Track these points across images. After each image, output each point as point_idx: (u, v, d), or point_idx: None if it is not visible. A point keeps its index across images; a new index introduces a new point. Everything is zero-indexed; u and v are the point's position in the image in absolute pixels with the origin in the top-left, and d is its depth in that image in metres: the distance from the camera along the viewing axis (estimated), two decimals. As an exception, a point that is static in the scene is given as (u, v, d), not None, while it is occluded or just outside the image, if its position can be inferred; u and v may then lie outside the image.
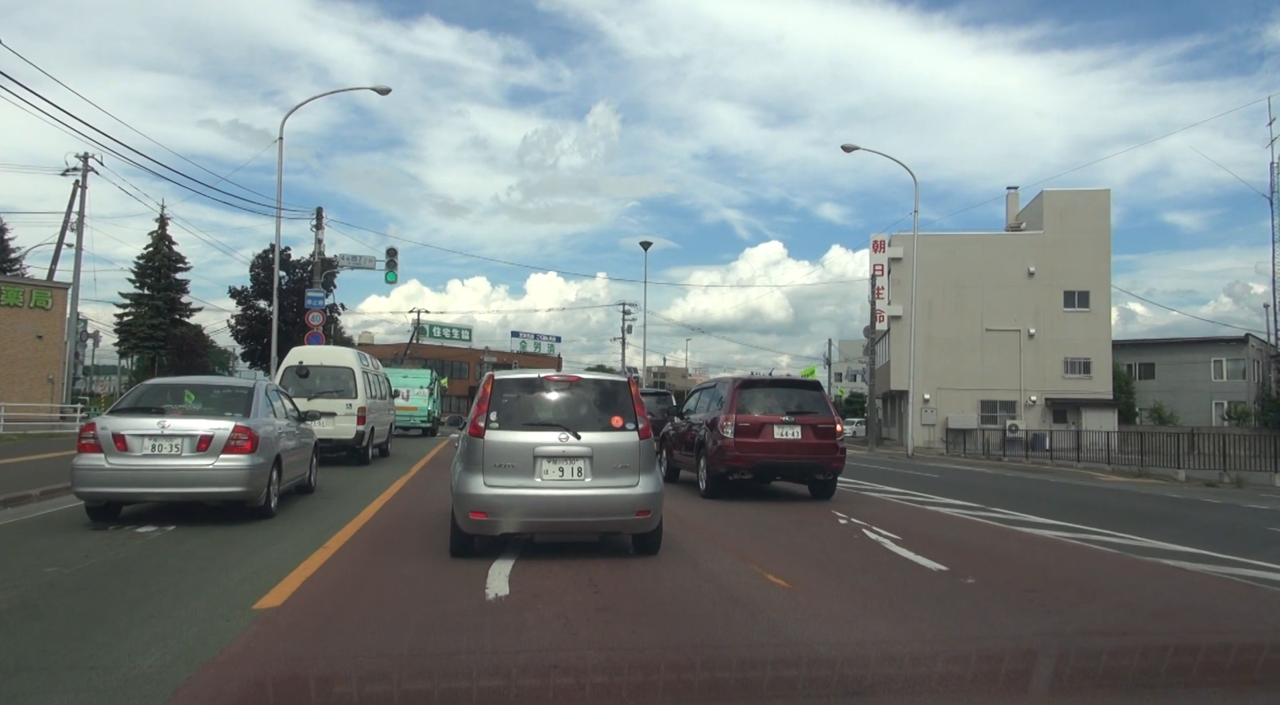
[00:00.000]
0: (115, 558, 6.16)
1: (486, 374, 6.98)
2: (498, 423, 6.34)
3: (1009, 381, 37.31)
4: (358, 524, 7.95)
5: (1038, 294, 37.71)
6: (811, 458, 11.05)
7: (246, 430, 7.76)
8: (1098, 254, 37.84)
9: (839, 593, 5.51)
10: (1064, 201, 38.33)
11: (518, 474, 6.20)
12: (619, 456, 6.37)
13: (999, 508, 11.18)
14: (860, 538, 7.91)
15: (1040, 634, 4.57)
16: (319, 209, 28.70)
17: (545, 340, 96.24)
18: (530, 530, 6.36)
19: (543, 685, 3.51)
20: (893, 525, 8.74)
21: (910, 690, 3.55)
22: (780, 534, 8.08)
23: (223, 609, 4.64)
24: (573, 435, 6.30)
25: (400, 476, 12.90)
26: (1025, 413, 36.85)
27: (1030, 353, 37.50)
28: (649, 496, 6.33)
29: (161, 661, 3.67)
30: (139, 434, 7.52)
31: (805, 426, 10.96)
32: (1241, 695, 3.69)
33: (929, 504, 11.53)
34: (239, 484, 7.65)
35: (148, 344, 43.60)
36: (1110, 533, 8.80)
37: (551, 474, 6.25)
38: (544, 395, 6.65)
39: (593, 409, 6.59)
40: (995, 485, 16.04)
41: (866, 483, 14.85)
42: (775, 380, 13.94)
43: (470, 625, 4.38)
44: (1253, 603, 5.65)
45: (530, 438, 6.28)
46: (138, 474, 7.46)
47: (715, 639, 4.27)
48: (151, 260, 44.71)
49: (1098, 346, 37.81)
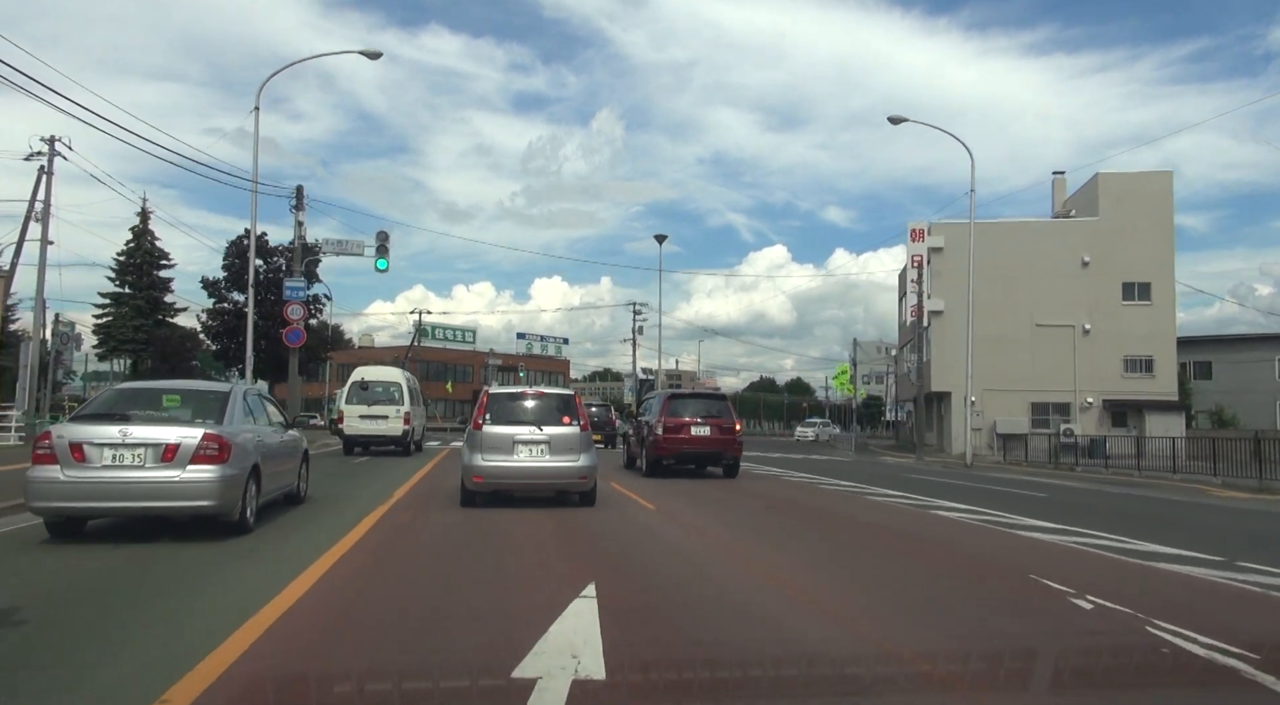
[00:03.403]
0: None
1: (484, 389, 11.50)
2: (491, 420, 10.70)
3: (1062, 381, 36.69)
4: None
5: (1093, 286, 37.07)
6: (717, 448, 16.76)
7: (217, 438, 7.63)
8: (1160, 241, 37.17)
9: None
10: (1121, 185, 37.70)
11: (503, 453, 10.52)
12: (567, 442, 10.67)
13: (1197, 548, 8.50)
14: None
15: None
16: (298, 187, 27.21)
17: (553, 342, 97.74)
18: (510, 489, 10.69)
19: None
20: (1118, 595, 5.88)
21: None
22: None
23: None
24: (538, 428, 10.65)
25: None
26: (1080, 416, 36.25)
27: (1085, 350, 36.86)
28: (587, 468, 10.68)
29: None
30: (98, 443, 7.36)
31: (713, 426, 16.72)
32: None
33: (1124, 551, 8.31)
34: (208, 497, 7.51)
35: (128, 346, 43.70)
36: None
37: (524, 453, 10.58)
38: (521, 403, 11.06)
39: (551, 412, 10.91)
40: (1116, 507, 13.66)
41: (944, 501, 13.17)
42: (694, 393, 20.47)
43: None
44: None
45: (511, 430, 10.64)
46: (96, 487, 7.30)
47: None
48: (132, 257, 44.75)
49: (1160, 342, 37.10)
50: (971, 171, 29.03)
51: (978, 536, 9.43)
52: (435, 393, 71.94)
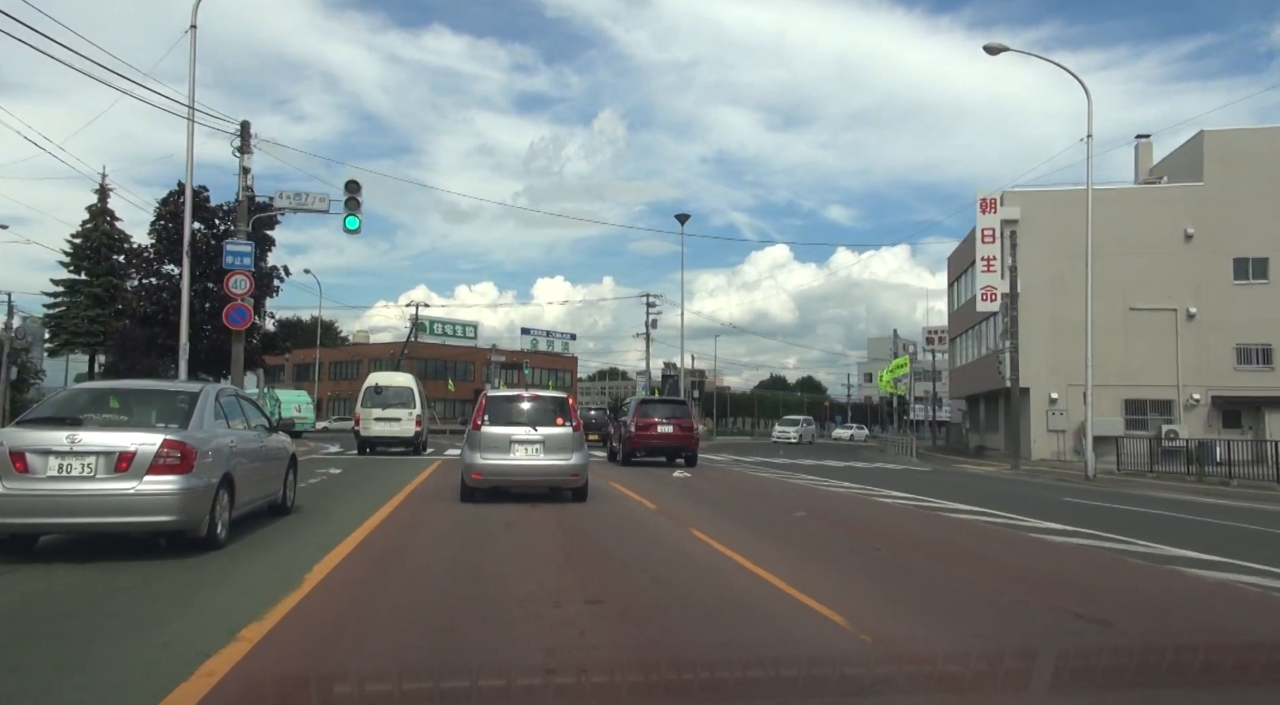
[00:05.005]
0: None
1: (483, 391, 14.55)
2: (489, 421, 12.99)
3: (1161, 375, 36.42)
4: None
5: (1198, 262, 36.77)
6: (679, 443, 24.53)
7: (179, 445, 7.72)
8: (1279, 210, 36.68)
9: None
10: (1232, 144, 37.31)
11: (500, 452, 12.81)
12: (560, 441, 13.02)
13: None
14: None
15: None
16: (244, 123, 24.00)
17: (559, 338, 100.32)
18: (507, 485, 13.13)
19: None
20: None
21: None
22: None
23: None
24: (533, 429, 12.95)
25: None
26: (1185, 415, 35.97)
27: (1190, 338, 36.55)
28: (579, 465, 13.09)
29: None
30: (42, 450, 7.40)
31: (676, 425, 24.36)
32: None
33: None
34: (169, 511, 7.62)
35: (82, 340, 44.07)
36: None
37: (519, 452, 12.86)
38: (517, 405, 13.46)
39: (546, 413, 13.26)
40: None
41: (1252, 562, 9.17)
42: (660, 399, 31.09)
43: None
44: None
45: (508, 430, 12.93)
46: (39, 501, 7.35)
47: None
48: (89, 239, 45.14)
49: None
50: (1089, 113, 27.80)
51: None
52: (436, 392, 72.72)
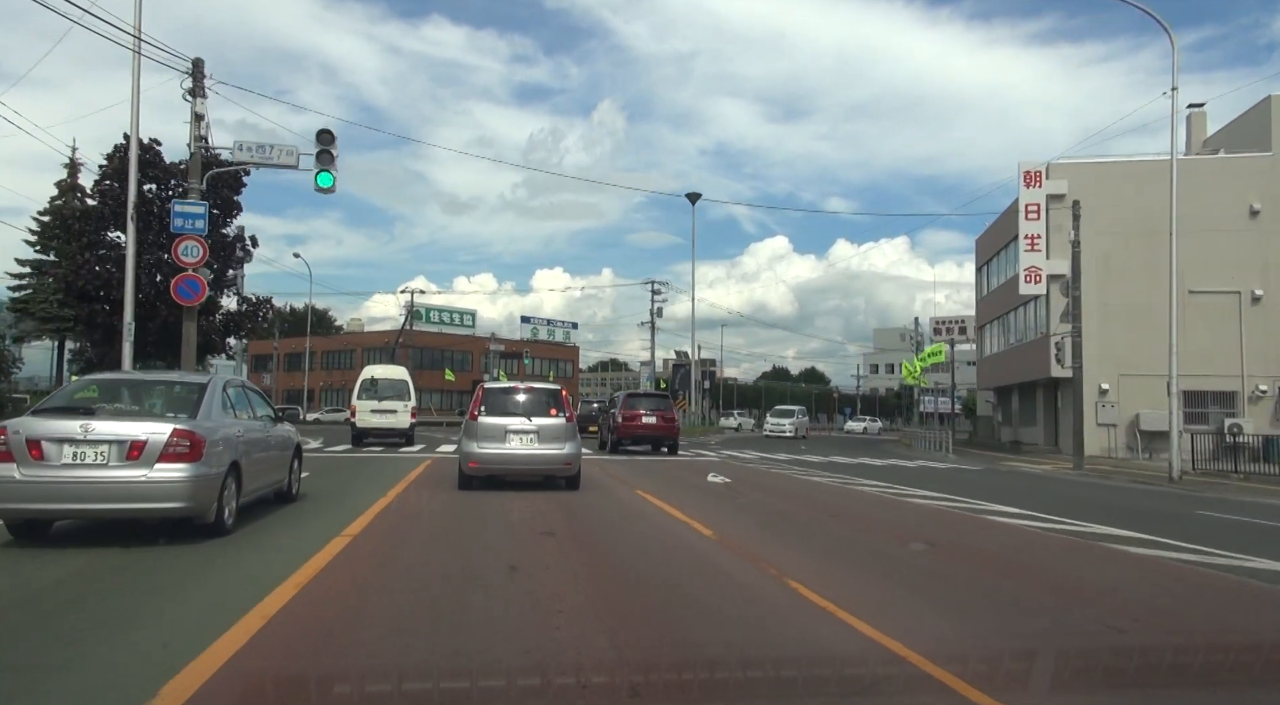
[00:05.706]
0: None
1: (480, 383, 16.61)
2: (486, 412, 14.37)
3: (1223, 364, 35.95)
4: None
5: (1266, 241, 36.32)
6: (661, 433, 28.24)
7: (189, 434, 8.47)
8: (1354, 182, 36.18)
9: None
10: (1303, 110, 36.68)
11: (496, 441, 14.15)
12: (554, 431, 14.36)
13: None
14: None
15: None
16: (196, 60, 21.98)
17: (560, 327, 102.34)
18: (502, 474, 14.43)
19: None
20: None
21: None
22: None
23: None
24: (528, 419, 14.30)
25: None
26: (1249, 408, 35.56)
27: (1256, 323, 36.10)
28: (572, 455, 14.49)
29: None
30: (57, 439, 8.12)
31: (659, 416, 28.20)
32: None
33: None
34: (179, 499, 8.35)
35: (51, 326, 44.13)
36: None
37: (515, 441, 14.19)
38: (513, 396, 14.90)
39: (540, 404, 14.63)
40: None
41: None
42: (645, 393, 35.33)
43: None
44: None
45: (504, 421, 14.27)
46: (55, 488, 8.04)
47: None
48: (59, 216, 45.14)
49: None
50: (1174, 60, 25.65)
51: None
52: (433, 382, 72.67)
